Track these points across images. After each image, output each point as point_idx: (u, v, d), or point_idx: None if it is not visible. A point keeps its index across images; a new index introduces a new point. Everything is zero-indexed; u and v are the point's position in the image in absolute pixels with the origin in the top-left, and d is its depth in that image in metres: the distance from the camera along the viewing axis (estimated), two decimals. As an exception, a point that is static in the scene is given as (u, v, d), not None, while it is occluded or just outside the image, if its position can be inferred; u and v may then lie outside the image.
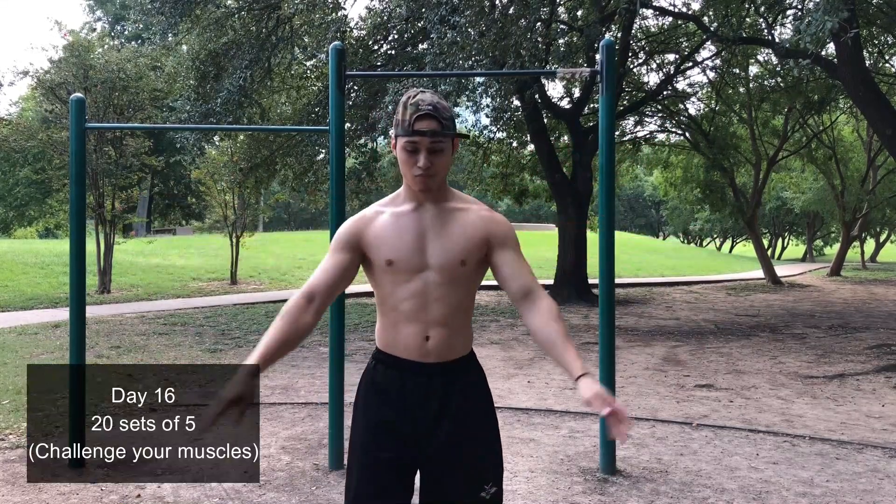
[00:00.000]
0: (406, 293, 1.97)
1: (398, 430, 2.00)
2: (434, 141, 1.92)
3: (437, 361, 1.99)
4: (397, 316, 1.99)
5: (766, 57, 17.88)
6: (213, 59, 12.02)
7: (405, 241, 1.97)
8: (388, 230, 1.98)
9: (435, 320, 1.97)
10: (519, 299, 2.01)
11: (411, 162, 1.94)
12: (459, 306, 2.00)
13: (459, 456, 1.99)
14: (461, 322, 2.03)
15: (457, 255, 1.97)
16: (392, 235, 1.98)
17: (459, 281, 1.99)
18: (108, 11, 41.14)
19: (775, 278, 19.31)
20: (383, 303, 2.02)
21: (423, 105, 1.92)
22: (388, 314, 2.01)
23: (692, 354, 8.56)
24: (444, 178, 2.02)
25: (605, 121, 4.28)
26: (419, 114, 1.91)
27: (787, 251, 43.82)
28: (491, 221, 2.03)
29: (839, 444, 4.82)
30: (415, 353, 1.98)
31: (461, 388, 2.02)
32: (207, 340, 9.18)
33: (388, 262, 1.96)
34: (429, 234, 1.99)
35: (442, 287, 1.97)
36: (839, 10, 6.56)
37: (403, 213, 2.01)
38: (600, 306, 4.26)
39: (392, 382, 2.00)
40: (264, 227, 39.02)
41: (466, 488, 2.00)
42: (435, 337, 1.98)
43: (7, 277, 15.26)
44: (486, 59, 9.57)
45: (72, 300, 4.29)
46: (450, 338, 1.99)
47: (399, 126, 1.94)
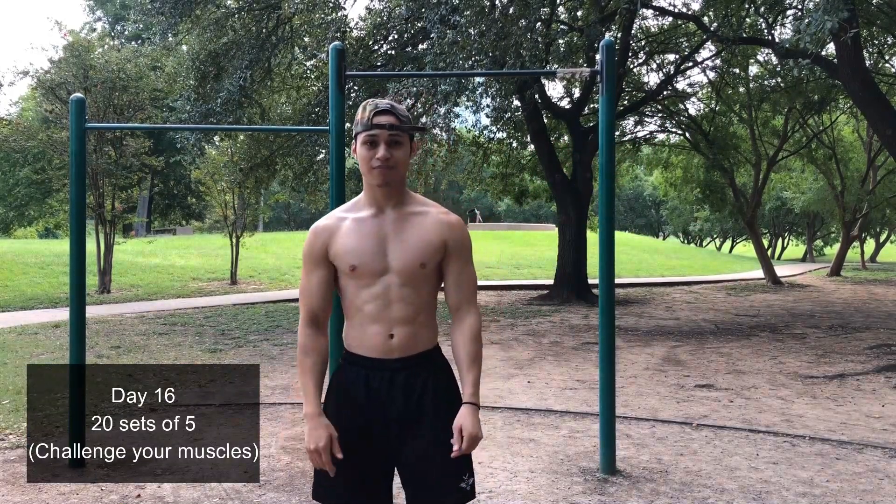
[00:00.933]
0: (369, 296, 2.06)
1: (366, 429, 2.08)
2: (392, 134, 2.03)
3: (400, 357, 2.08)
4: (362, 317, 2.08)
5: (766, 57, 17.89)
6: (213, 59, 12.02)
7: (367, 246, 2.06)
8: (351, 237, 2.07)
9: (398, 319, 2.07)
10: (452, 310, 2.17)
11: (370, 155, 2.04)
12: (422, 305, 2.10)
13: (436, 451, 2.05)
14: (424, 318, 2.12)
15: (416, 258, 2.07)
16: (354, 242, 2.07)
17: (419, 282, 2.09)
18: (108, 11, 41.15)
19: (775, 278, 19.31)
20: (349, 305, 2.11)
21: (381, 104, 2.05)
22: (354, 316, 2.10)
23: (692, 354, 8.56)
24: (404, 179, 2.13)
25: (605, 121, 4.28)
26: (377, 110, 2.04)
27: (787, 251, 43.82)
28: (449, 227, 2.12)
29: (839, 444, 4.82)
30: (379, 351, 2.08)
31: (424, 381, 2.10)
32: (207, 340, 9.18)
33: (351, 267, 2.06)
34: (389, 238, 2.08)
35: (403, 288, 2.07)
36: (839, 10, 6.55)
37: (364, 219, 2.10)
38: (600, 306, 4.26)
39: (358, 381, 2.09)
40: (264, 227, 39.04)
41: (448, 483, 2.06)
42: (399, 335, 2.07)
43: (7, 277, 15.26)
44: (486, 59, 9.57)
45: (72, 300, 4.30)
46: (414, 335, 2.09)
47: (359, 124, 2.05)
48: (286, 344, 9.02)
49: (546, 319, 11.69)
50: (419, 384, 2.09)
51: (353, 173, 14.00)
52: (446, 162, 17.01)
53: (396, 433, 2.07)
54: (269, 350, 8.59)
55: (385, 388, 2.07)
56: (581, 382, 6.90)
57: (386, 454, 2.09)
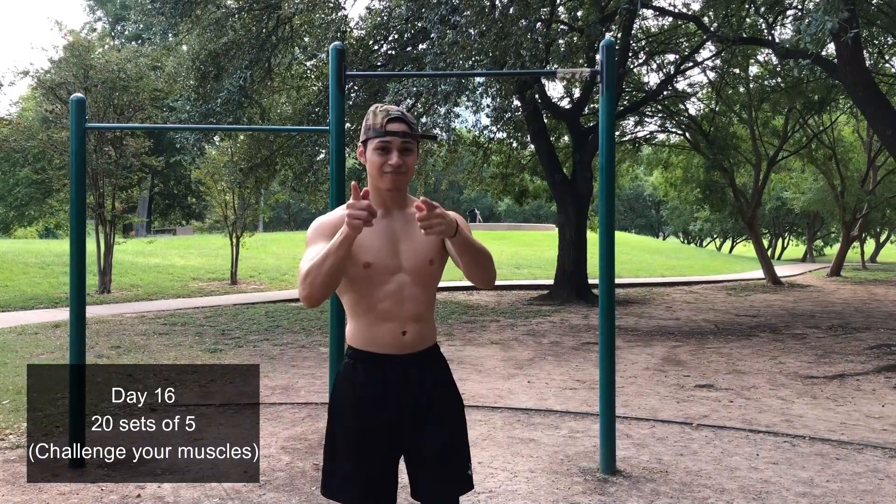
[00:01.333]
0: (383, 294, 2.11)
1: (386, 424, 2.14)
2: (405, 141, 2.09)
3: (412, 352, 2.17)
4: (376, 315, 2.13)
5: (766, 57, 17.89)
6: (213, 59, 12.01)
7: (380, 244, 2.11)
8: (364, 235, 2.05)
9: (410, 317, 2.14)
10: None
11: (382, 161, 2.09)
12: (428, 302, 2.19)
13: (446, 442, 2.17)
14: (429, 315, 2.22)
15: (426, 255, 2.15)
16: (367, 240, 2.09)
17: (428, 280, 2.17)
18: (108, 11, 41.18)
19: (775, 278, 19.30)
20: (358, 303, 2.14)
21: (393, 111, 2.10)
22: (366, 314, 2.14)
23: (692, 354, 8.56)
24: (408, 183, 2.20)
25: (605, 121, 4.28)
26: (391, 117, 2.09)
27: (787, 251, 43.78)
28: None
29: (839, 445, 4.82)
30: (393, 348, 2.14)
31: (434, 375, 2.21)
32: (207, 340, 9.18)
33: (365, 264, 2.09)
34: (400, 238, 2.14)
35: (415, 287, 2.14)
36: (839, 10, 6.55)
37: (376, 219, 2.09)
38: (600, 306, 4.26)
39: (372, 378, 2.14)
40: (264, 227, 39.03)
41: (457, 470, 2.19)
42: (411, 331, 2.15)
43: (7, 277, 15.26)
44: (487, 59, 9.57)
45: (72, 300, 4.30)
46: (422, 331, 2.18)
47: (371, 129, 2.10)
48: (286, 344, 9.02)
49: (546, 319, 11.69)
50: (429, 378, 2.19)
51: (352, 173, 14.01)
52: (446, 162, 17.02)
53: (410, 426, 2.15)
54: (269, 350, 8.59)
55: (400, 382, 2.14)
56: (581, 382, 6.90)
57: (399, 447, 2.17)
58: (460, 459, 2.20)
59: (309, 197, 15.28)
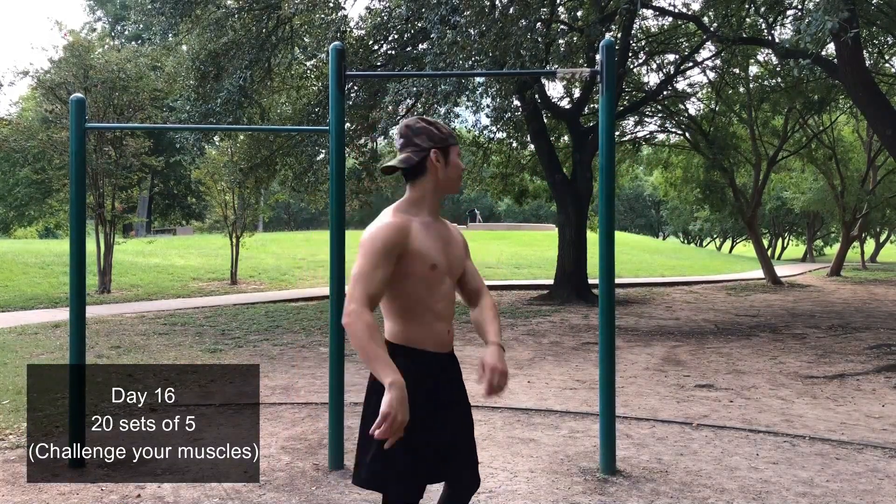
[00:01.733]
0: (440, 295, 2.25)
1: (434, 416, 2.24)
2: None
3: (449, 350, 2.34)
4: (433, 315, 2.24)
5: (766, 57, 17.89)
6: (213, 59, 12.01)
7: (438, 248, 2.25)
8: (427, 238, 2.21)
9: (450, 316, 2.31)
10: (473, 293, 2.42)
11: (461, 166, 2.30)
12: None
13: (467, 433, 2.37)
14: None
15: (463, 259, 2.36)
16: (432, 243, 2.22)
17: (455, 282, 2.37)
18: (108, 11, 41.17)
19: (775, 278, 19.30)
20: (415, 304, 2.22)
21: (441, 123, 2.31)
22: (423, 315, 2.23)
23: (692, 354, 8.56)
24: None
25: (605, 121, 4.28)
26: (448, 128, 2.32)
27: (787, 251, 43.79)
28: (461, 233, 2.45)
29: (839, 444, 4.82)
30: (442, 346, 2.29)
31: (458, 373, 2.38)
32: (207, 340, 9.18)
33: (432, 266, 2.21)
34: (446, 242, 2.30)
35: (453, 288, 2.33)
36: (839, 10, 6.55)
37: (429, 223, 2.27)
38: (600, 306, 4.26)
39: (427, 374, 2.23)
40: (264, 227, 39.01)
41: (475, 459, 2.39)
42: (451, 330, 2.32)
43: (7, 277, 15.26)
44: (487, 59, 9.56)
45: (72, 300, 4.29)
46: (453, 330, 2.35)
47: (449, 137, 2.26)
48: (286, 344, 9.02)
49: (546, 319, 11.69)
50: (456, 374, 2.36)
51: (352, 173, 13.99)
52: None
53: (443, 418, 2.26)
54: (269, 350, 8.59)
55: (443, 377, 2.29)
56: (581, 382, 6.90)
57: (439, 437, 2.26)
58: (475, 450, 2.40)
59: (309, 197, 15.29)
